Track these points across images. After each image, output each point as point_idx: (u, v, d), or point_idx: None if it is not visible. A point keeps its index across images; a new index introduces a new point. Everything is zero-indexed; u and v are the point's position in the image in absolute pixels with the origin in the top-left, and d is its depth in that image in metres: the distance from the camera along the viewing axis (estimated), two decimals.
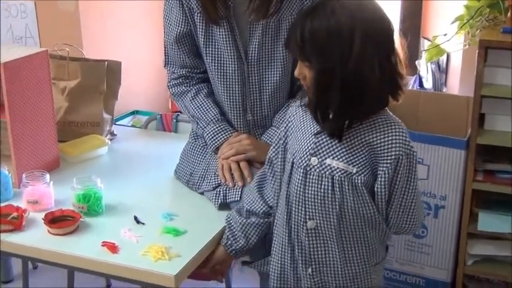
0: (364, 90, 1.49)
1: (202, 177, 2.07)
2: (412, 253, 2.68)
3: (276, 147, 1.77)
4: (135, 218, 1.91)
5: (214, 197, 1.99)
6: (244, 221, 1.81)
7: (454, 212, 2.57)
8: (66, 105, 2.44)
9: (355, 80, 1.48)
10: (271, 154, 1.79)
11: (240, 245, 1.81)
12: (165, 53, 2.13)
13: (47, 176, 1.99)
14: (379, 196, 1.59)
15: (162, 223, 1.89)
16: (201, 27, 1.98)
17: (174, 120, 2.65)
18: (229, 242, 1.82)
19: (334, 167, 1.57)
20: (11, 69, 2.01)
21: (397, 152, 1.54)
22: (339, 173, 1.57)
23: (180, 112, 2.63)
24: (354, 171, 1.56)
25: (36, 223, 1.89)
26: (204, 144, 2.12)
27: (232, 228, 1.83)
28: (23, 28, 3.23)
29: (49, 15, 3.13)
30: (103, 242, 1.77)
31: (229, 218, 1.86)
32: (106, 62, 2.45)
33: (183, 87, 2.11)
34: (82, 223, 1.88)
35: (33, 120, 2.13)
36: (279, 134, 1.77)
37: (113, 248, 1.75)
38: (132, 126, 3.08)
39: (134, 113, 3.29)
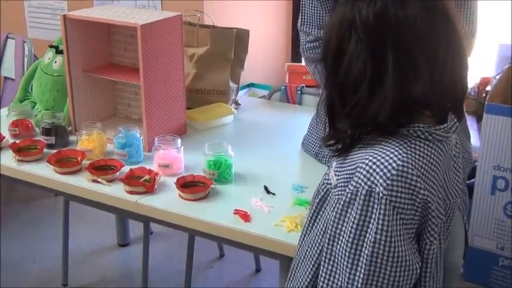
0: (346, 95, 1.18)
1: None
2: None
3: None
4: (265, 188, 1.87)
5: None
6: None
7: None
8: (194, 72, 2.42)
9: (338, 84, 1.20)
10: None
11: None
12: (302, 11, 2.03)
13: (179, 140, 1.98)
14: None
15: (293, 194, 1.84)
16: None
17: (299, 92, 2.59)
18: None
19: (332, 167, 1.31)
20: (147, 31, 2.00)
21: (356, 184, 1.15)
22: (325, 178, 1.31)
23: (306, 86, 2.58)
24: (333, 183, 1.25)
25: (167, 187, 1.89)
26: None
27: None
28: None
29: None
30: (235, 210, 1.74)
31: None
32: (235, 30, 2.42)
33: (319, 52, 2.03)
34: (212, 190, 1.85)
35: (164, 85, 2.12)
36: None
37: (245, 216, 1.72)
38: None
39: (250, 85, 3.24)
